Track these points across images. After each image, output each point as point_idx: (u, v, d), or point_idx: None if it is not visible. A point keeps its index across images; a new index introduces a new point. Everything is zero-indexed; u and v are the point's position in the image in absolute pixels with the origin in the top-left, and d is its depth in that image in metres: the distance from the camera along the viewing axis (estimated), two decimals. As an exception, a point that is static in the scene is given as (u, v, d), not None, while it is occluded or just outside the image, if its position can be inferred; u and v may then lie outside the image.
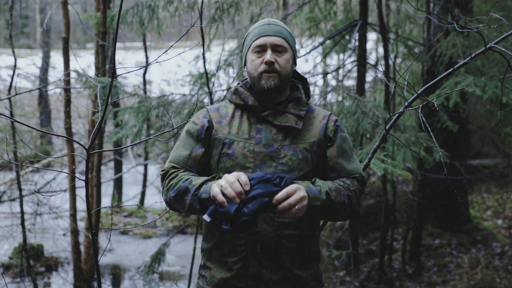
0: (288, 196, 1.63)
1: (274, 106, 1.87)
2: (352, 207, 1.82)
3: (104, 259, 6.19)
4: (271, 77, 1.83)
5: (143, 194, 9.41)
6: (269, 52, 1.84)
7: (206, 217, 1.61)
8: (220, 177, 1.81)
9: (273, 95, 1.87)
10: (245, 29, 5.72)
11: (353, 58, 5.04)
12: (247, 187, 1.60)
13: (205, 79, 4.40)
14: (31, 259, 5.48)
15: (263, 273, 1.78)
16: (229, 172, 1.80)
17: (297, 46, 5.66)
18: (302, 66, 8.47)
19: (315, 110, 1.96)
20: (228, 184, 1.60)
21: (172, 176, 1.82)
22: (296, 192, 1.65)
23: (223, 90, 4.58)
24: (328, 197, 1.72)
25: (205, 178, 1.74)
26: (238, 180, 1.60)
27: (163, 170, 1.89)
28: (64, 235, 6.32)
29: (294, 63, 1.94)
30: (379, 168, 3.12)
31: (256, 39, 1.86)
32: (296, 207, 1.63)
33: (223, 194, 1.59)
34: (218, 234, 1.83)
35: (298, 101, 1.90)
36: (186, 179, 1.76)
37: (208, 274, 1.86)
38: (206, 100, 4.43)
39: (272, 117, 1.85)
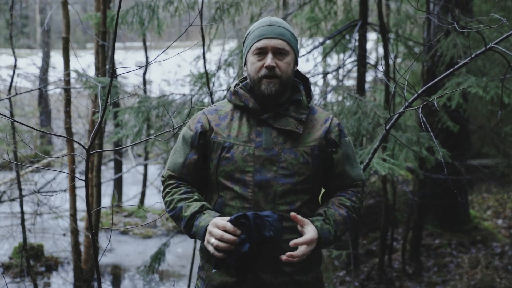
0: (305, 243, 1.70)
1: (274, 108, 1.83)
2: (354, 223, 1.91)
3: (104, 259, 6.18)
4: (271, 83, 1.78)
5: (143, 194, 9.40)
6: (270, 56, 1.78)
7: (214, 271, 1.72)
8: (217, 191, 1.86)
9: (273, 99, 1.83)
10: (245, 29, 5.71)
11: (353, 58, 5.03)
12: (238, 231, 1.64)
13: (205, 79, 4.40)
14: (31, 259, 5.47)
15: (263, 277, 1.76)
16: (230, 176, 1.79)
17: (297, 46, 5.65)
18: (303, 66, 8.46)
19: (317, 112, 1.91)
20: (218, 238, 1.64)
21: (167, 191, 1.89)
22: (312, 242, 1.72)
23: (223, 90, 4.57)
24: (335, 236, 1.80)
25: (193, 208, 1.78)
26: (225, 230, 1.65)
27: (162, 177, 1.94)
28: (64, 235, 6.31)
29: (296, 64, 1.89)
30: (383, 167, 3.12)
31: (257, 41, 1.80)
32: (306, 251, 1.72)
33: (218, 249, 1.65)
34: None
35: (298, 104, 1.86)
36: (179, 203, 1.82)
37: (206, 276, 1.85)
38: (206, 100, 4.42)
39: (272, 120, 1.81)
